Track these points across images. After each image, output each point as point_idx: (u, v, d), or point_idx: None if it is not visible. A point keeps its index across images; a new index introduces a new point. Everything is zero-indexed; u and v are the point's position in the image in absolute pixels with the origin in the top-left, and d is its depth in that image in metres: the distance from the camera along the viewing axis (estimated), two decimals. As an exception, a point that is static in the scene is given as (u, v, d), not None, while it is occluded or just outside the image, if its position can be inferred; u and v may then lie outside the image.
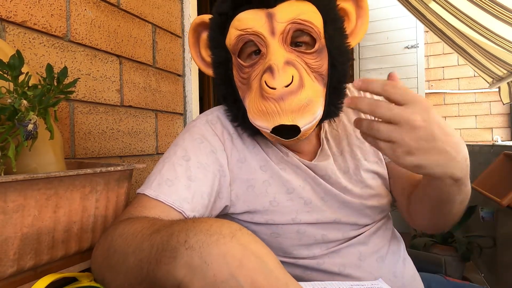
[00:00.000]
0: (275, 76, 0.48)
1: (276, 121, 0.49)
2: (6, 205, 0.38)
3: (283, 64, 0.49)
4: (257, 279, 0.27)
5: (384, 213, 0.65)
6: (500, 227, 1.57)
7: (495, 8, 1.32)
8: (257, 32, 0.51)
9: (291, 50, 0.52)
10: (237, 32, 0.53)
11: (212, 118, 0.63)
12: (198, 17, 0.62)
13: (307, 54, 0.53)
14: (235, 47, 0.54)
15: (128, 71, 0.96)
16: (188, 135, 0.59)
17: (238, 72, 0.56)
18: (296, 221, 0.57)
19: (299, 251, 0.58)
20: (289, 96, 0.48)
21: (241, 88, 0.56)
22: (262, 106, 0.50)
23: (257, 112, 0.51)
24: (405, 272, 0.62)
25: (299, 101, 0.49)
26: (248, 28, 0.51)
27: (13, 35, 0.67)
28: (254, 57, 0.54)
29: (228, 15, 0.54)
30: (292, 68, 0.50)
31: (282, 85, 0.48)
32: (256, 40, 0.52)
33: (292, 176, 0.59)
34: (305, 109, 0.49)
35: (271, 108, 0.49)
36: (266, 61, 0.51)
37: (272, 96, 0.49)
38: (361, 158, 0.64)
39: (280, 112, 0.49)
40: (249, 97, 0.55)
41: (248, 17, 0.52)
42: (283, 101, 0.48)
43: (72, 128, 0.79)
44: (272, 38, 0.51)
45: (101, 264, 0.42)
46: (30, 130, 0.42)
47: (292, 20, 0.50)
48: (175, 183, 0.52)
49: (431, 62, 3.11)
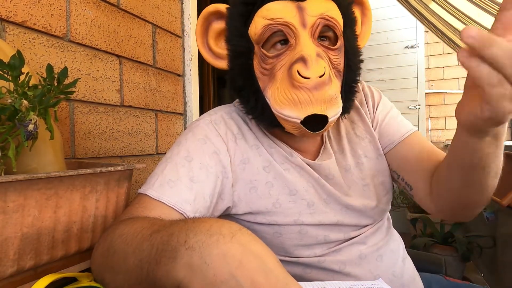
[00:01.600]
0: (309, 66, 0.49)
1: (309, 111, 0.50)
2: (6, 205, 0.38)
3: (315, 56, 0.50)
4: (257, 279, 0.27)
5: (384, 212, 0.66)
6: (500, 227, 1.57)
7: (495, 8, 1.31)
8: (288, 22, 0.51)
9: (318, 44, 0.53)
10: (265, 21, 0.52)
11: (215, 118, 0.62)
12: (212, 5, 0.60)
13: (331, 50, 0.54)
14: (261, 36, 0.53)
15: (128, 71, 0.96)
16: (191, 135, 0.59)
17: (260, 63, 0.55)
18: (298, 222, 0.57)
19: (300, 251, 0.58)
20: (322, 86, 0.49)
21: (262, 79, 0.56)
22: (293, 95, 0.50)
23: (287, 101, 0.51)
24: (404, 272, 0.62)
25: (330, 92, 0.50)
26: (279, 18, 0.51)
27: (13, 35, 0.67)
28: (279, 47, 0.54)
29: (255, 4, 0.53)
30: (323, 61, 0.51)
31: (316, 75, 0.49)
32: (286, 31, 0.52)
33: (295, 177, 0.59)
34: (334, 101, 0.51)
35: (303, 97, 0.49)
36: (295, 52, 0.51)
37: (306, 85, 0.49)
38: (362, 155, 0.65)
39: (313, 102, 0.49)
40: (272, 87, 0.54)
41: (278, 7, 0.52)
42: (317, 91, 0.49)
43: (72, 128, 0.79)
44: (303, 30, 0.52)
45: (101, 264, 0.42)
46: (30, 130, 0.42)
47: (322, 15, 0.52)
48: (177, 184, 0.51)
49: (431, 62, 3.11)
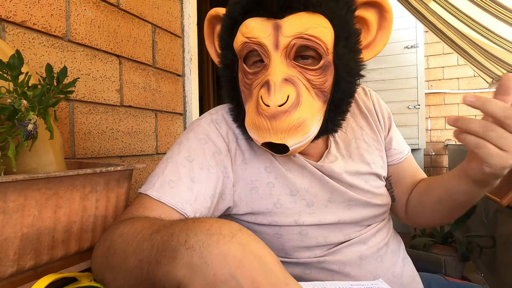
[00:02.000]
0: (270, 93, 0.48)
1: (266, 138, 0.49)
2: (6, 205, 0.38)
3: (280, 82, 0.48)
4: (257, 279, 0.27)
5: (385, 214, 0.66)
6: (500, 227, 1.57)
7: (495, 8, 1.32)
8: (261, 43, 0.50)
9: (294, 65, 0.51)
10: (243, 38, 0.52)
11: (217, 117, 0.62)
12: (213, 9, 0.61)
13: (310, 70, 0.51)
14: (241, 52, 0.54)
15: (128, 71, 0.96)
16: (193, 134, 0.58)
17: (243, 77, 0.56)
18: (298, 222, 0.57)
19: (300, 253, 0.58)
20: (281, 115, 0.48)
21: (244, 93, 0.56)
22: (256, 120, 0.50)
23: (251, 125, 0.52)
24: (404, 272, 0.62)
25: (290, 121, 0.48)
26: (253, 37, 0.51)
27: (13, 35, 0.67)
28: (259, 64, 0.54)
29: (238, 20, 0.53)
30: (289, 87, 0.49)
31: (276, 104, 0.47)
32: (260, 50, 0.51)
33: (297, 177, 0.59)
34: (296, 130, 0.49)
35: (263, 124, 0.49)
36: (265, 75, 0.51)
37: (265, 113, 0.48)
38: (370, 161, 0.66)
39: (270, 130, 0.49)
40: (248, 104, 0.55)
41: (255, 25, 0.51)
42: (275, 120, 0.48)
43: (72, 128, 0.79)
44: (275, 52, 0.50)
45: (101, 264, 0.42)
46: (30, 130, 0.42)
47: (298, 34, 0.49)
48: (178, 184, 0.51)
49: (431, 62, 3.12)
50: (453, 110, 3.03)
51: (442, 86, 3.08)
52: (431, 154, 3.15)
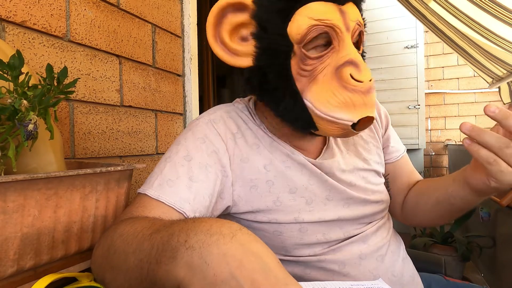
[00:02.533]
0: (361, 70, 0.49)
1: (364, 113, 0.50)
2: (6, 205, 0.38)
3: (362, 60, 0.51)
4: (257, 279, 0.27)
5: (384, 211, 0.67)
6: (500, 227, 1.57)
7: (495, 8, 1.32)
8: (335, 25, 0.50)
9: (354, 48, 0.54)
10: (311, 21, 0.50)
11: (215, 117, 0.62)
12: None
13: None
14: (305, 37, 0.50)
15: (128, 71, 0.96)
16: (191, 134, 0.59)
17: (298, 63, 0.52)
18: (298, 220, 0.57)
19: (300, 251, 0.58)
20: (372, 90, 0.51)
21: (300, 80, 0.53)
22: (348, 99, 0.50)
23: (338, 104, 0.50)
24: (404, 272, 0.62)
25: (374, 97, 0.52)
26: (326, 19, 0.50)
27: (13, 35, 0.67)
28: (320, 49, 0.53)
29: (296, 1, 0.51)
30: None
31: (368, 79, 0.50)
32: (331, 33, 0.51)
33: (297, 175, 0.59)
34: (374, 106, 0.53)
35: (358, 101, 0.50)
36: (341, 55, 0.51)
37: (360, 88, 0.50)
38: (367, 158, 0.67)
39: (367, 104, 0.50)
40: (314, 89, 0.52)
41: (323, 8, 0.50)
42: (369, 94, 0.50)
43: (72, 128, 0.79)
44: (347, 34, 0.52)
45: (101, 264, 0.42)
46: (30, 130, 0.42)
47: (358, 21, 0.53)
48: (177, 183, 0.51)
49: (431, 62, 3.12)
50: (453, 110, 3.03)
51: (442, 86, 3.08)
52: (431, 154, 3.16)
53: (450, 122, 3.06)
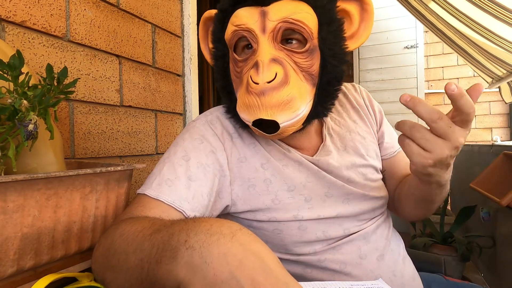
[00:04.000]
0: (259, 72, 0.50)
1: (256, 115, 0.51)
2: (6, 205, 0.38)
3: (268, 61, 0.51)
4: (257, 278, 0.27)
5: (383, 207, 0.67)
6: (500, 227, 1.57)
7: (494, 8, 1.32)
8: (249, 28, 0.53)
9: (281, 48, 0.53)
10: (233, 27, 0.55)
11: (211, 118, 0.64)
12: (207, 11, 0.64)
13: (297, 53, 0.53)
14: (231, 41, 0.56)
15: (128, 71, 0.96)
16: (188, 135, 0.60)
17: (233, 66, 0.58)
18: (298, 217, 0.57)
19: (300, 248, 0.58)
20: (270, 91, 0.50)
21: (235, 81, 0.59)
22: (246, 100, 0.52)
23: (242, 105, 0.53)
24: (404, 271, 0.62)
25: (279, 97, 0.50)
26: (242, 24, 0.53)
27: (13, 35, 0.67)
28: (247, 51, 0.56)
29: (228, 11, 0.56)
30: (277, 65, 0.51)
31: (264, 81, 0.50)
32: (248, 36, 0.54)
33: (294, 173, 0.60)
34: (286, 106, 0.50)
35: (253, 102, 0.51)
36: (254, 58, 0.53)
37: (255, 90, 0.50)
38: (364, 153, 0.67)
39: (260, 107, 0.50)
40: (239, 90, 0.57)
41: (243, 14, 0.54)
42: (264, 96, 0.50)
43: (71, 128, 0.79)
44: (263, 35, 0.52)
45: (101, 264, 0.42)
46: (30, 130, 0.42)
47: (284, 19, 0.52)
48: (175, 183, 0.52)
49: (430, 62, 3.12)
50: (453, 110, 3.03)
51: (442, 86, 3.08)
52: (431, 154, 3.15)
53: (450, 122, 3.06)
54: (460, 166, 2.39)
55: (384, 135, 0.74)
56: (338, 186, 0.61)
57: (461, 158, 2.28)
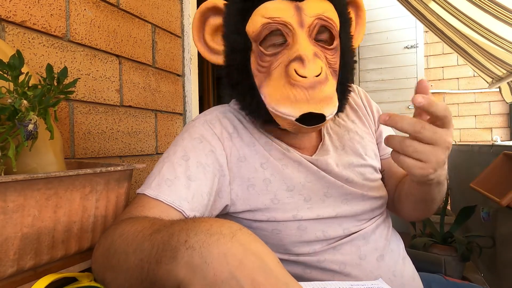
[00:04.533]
0: (305, 65, 0.50)
1: (305, 109, 0.50)
2: (6, 205, 0.38)
3: (312, 55, 0.51)
4: (257, 278, 0.27)
5: (382, 207, 0.67)
6: (500, 227, 1.57)
7: (494, 8, 1.32)
8: (286, 22, 0.52)
9: (315, 44, 0.54)
10: (264, 20, 0.53)
11: (211, 118, 0.63)
12: (210, 0, 0.60)
13: (328, 49, 0.55)
14: (259, 34, 0.54)
15: (128, 71, 0.96)
16: (187, 135, 0.59)
17: (257, 60, 0.56)
18: (297, 217, 0.57)
19: (299, 248, 0.58)
20: (319, 85, 0.50)
21: (258, 76, 0.56)
22: (290, 93, 0.51)
23: (283, 99, 0.52)
24: (404, 271, 0.62)
25: (327, 92, 0.51)
26: (277, 17, 0.52)
27: (13, 35, 0.67)
28: (277, 46, 0.55)
29: (254, 2, 0.54)
30: (319, 60, 0.52)
31: (313, 75, 0.50)
32: (284, 30, 0.53)
33: (293, 172, 0.60)
34: (331, 100, 0.52)
35: (300, 96, 0.50)
36: (293, 51, 0.52)
37: (303, 84, 0.50)
38: (363, 153, 0.67)
39: (309, 100, 0.50)
40: (268, 84, 0.55)
41: (277, 6, 0.52)
42: (313, 90, 0.50)
43: (71, 128, 0.79)
44: (301, 30, 0.52)
45: (101, 264, 0.42)
46: (30, 130, 0.42)
47: (319, 15, 0.52)
48: (175, 182, 0.52)
49: (430, 62, 3.12)
50: (453, 110, 3.03)
51: (442, 86, 3.08)
52: (431, 154, 3.15)
53: (450, 122, 3.06)
54: (460, 166, 2.39)
55: (382, 134, 0.73)
56: (337, 186, 0.61)
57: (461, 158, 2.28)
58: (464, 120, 3.02)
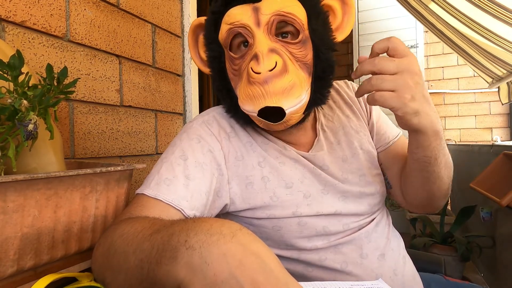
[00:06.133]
0: (259, 62, 0.51)
1: (261, 104, 0.51)
2: (6, 205, 0.38)
3: (267, 51, 0.52)
4: (257, 278, 0.27)
5: (380, 203, 0.67)
6: (500, 227, 1.57)
7: (494, 9, 1.32)
8: (244, 24, 0.54)
9: (276, 40, 0.55)
10: (227, 26, 0.56)
11: (208, 118, 0.64)
12: (197, 19, 0.66)
13: (291, 44, 0.55)
14: (226, 40, 0.57)
15: (128, 71, 0.96)
16: (185, 135, 0.60)
17: (230, 65, 0.59)
18: (296, 214, 0.58)
19: (301, 243, 0.59)
20: (272, 79, 0.51)
21: (233, 79, 0.59)
22: (249, 91, 0.53)
23: (245, 97, 0.54)
24: (405, 270, 0.63)
25: (282, 84, 0.51)
26: (236, 21, 0.55)
27: (13, 35, 0.66)
28: (243, 48, 0.57)
29: (220, 12, 0.57)
30: (275, 55, 0.52)
31: (266, 70, 0.51)
32: (244, 32, 0.55)
33: (291, 170, 0.60)
34: (289, 92, 0.52)
35: (257, 92, 0.52)
36: (252, 51, 0.54)
37: (257, 80, 0.51)
38: (358, 147, 0.67)
39: (265, 95, 0.51)
40: (239, 86, 0.57)
41: (236, 12, 0.55)
42: (267, 84, 0.51)
43: (71, 128, 0.79)
44: (258, 29, 0.54)
45: (101, 264, 0.42)
46: (30, 130, 0.42)
47: (276, 12, 0.53)
48: (174, 182, 0.52)
49: (430, 62, 3.12)
50: (453, 110, 3.03)
51: (442, 86, 3.08)
52: (431, 154, 3.15)
53: (450, 122, 3.06)
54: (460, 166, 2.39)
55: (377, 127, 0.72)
56: (333, 184, 0.62)
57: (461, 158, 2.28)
58: (464, 120, 3.02)
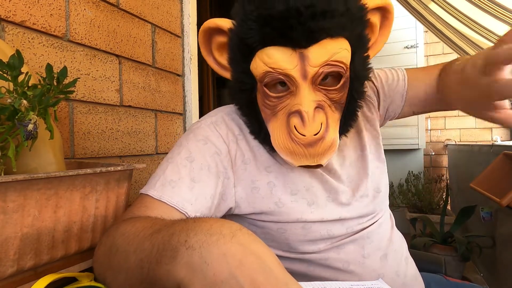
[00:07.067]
0: (305, 124, 0.49)
1: (303, 162, 0.52)
2: (6, 205, 0.38)
3: (313, 111, 0.50)
4: (257, 278, 0.27)
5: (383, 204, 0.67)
6: (500, 227, 1.57)
7: (494, 8, 1.32)
8: (288, 74, 0.49)
9: (319, 89, 0.51)
10: (266, 67, 0.50)
11: (216, 119, 0.63)
12: (211, 21, 0.58)
13: (332, 90, 0.52)
14: (262, 79, 0.52)
15: (128, 71, 0.96)
16: (193, 136, 0.59)
17: (263, 98, 0.54)
18: (301, 220, 0.58)
19: (304, 247, 0.59)
20: (317, 143, 0.50)
21: (265, 112, 0.55)
22: (290, 147, 0.51)
23: (284, 149, 0.52)
24: (407, 271, 0.63)
25: (325, 146, 0.51)
26: (279, 68, 0.49)
27: (12, 35, 0.66)
28: (280, 88, 0.53)
29: (254, 47, 0.51)
30: (321, 115, 0.51)
31: (311, 134, 0.49)
32: (286, 79, 0.50)
33: (298, 176, 0.60)
34: (329, 150, 0.51)
35: (299, 151, 0.51)
36: (294, 102, 0.51)
37: (301, 141, 0.50)
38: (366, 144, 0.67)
39: (307, 156, 0.51)
40: (273, 125, 0.54)
41: (279, 55, 0.49)
42: (311, 147, 0.50)
43: (71, 128, 0.79)
44: (304, 82, 0.50)
45: (103, 263, 0.42)
46: (30, 130, 0.42)
47: (326, 62, 0.49)
48: (179, 184, 0.52)
49: (430, 62, 3.12)
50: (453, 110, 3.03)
51: (442, 86, 3.08)
52: (431, 154, 3.16)
53: (450, 122, 3.06)
54: (460, 166, 2.39)
55: (385, 90, 0.71)
56: (339, 189, 0.61)
57: (461, 158, 2.28)
58: (464, 120, 3.02)
